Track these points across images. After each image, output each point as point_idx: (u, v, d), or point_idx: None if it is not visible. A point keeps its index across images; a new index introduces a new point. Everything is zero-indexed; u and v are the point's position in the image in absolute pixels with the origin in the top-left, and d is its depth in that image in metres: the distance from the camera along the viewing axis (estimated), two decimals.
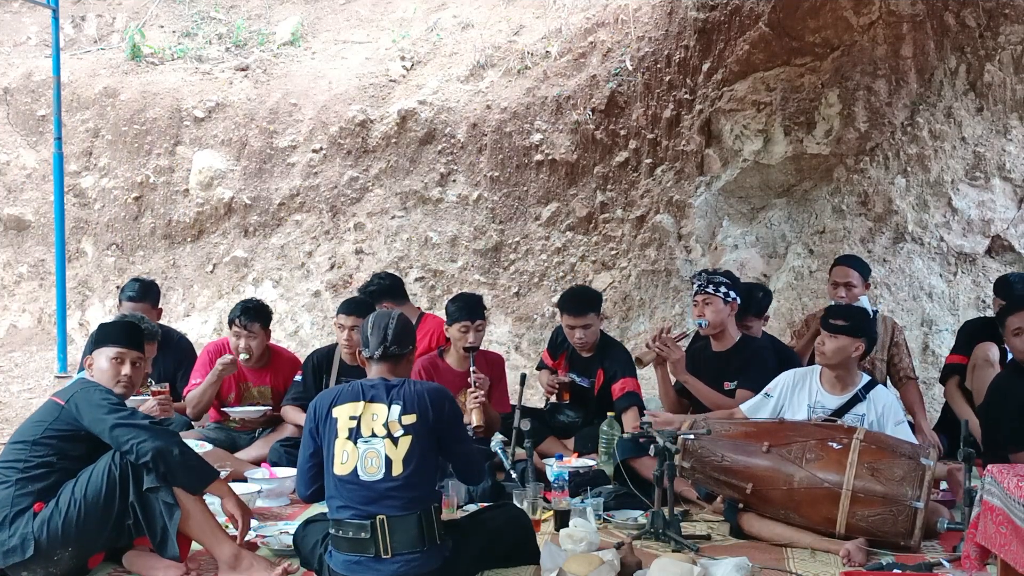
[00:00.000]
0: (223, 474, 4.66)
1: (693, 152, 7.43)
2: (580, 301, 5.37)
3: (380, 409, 3.41)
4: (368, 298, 5.73)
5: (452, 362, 5.23)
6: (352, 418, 3.41)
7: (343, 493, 3.38)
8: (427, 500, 3.40)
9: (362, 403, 3.43)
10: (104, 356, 3.72)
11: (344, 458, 3.38)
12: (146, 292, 5.63)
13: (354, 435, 3.38)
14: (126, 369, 3.71)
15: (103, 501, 3.42)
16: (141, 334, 3.88)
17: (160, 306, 5.81)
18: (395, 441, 3.37)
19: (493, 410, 5.03)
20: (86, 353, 3.89)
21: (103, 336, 3.78)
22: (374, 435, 3.37)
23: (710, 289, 4.98)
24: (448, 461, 3.68)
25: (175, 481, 3.48)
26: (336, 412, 3.44)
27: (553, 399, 5.71)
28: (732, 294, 5.00)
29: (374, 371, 3.56)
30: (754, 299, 5.51)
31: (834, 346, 4.33)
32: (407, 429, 3.38)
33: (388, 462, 3.35)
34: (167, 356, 5.50)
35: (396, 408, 3.40)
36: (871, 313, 4.88)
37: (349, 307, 5.29)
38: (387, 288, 5.79)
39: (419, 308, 6.33)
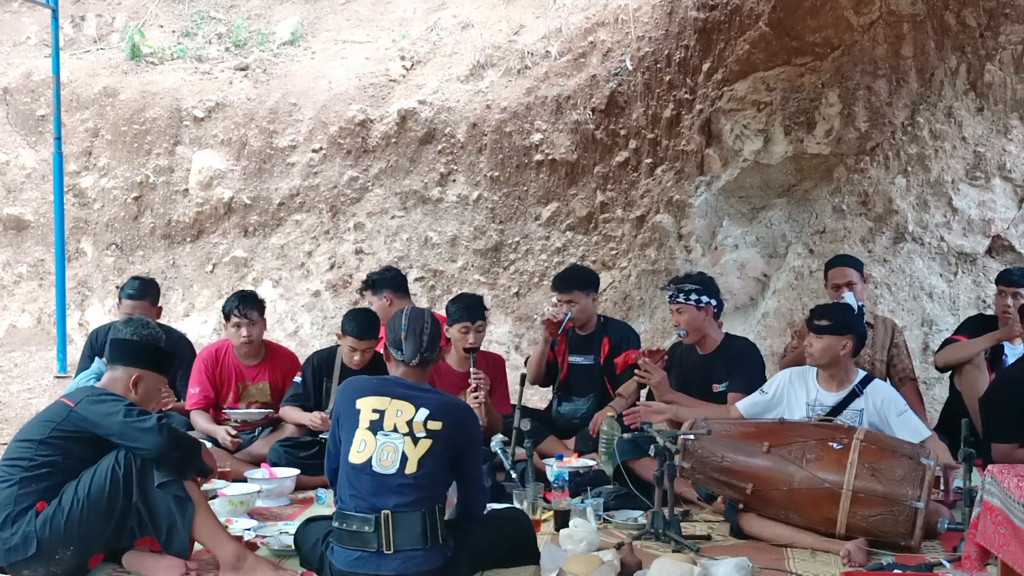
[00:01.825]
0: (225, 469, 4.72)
1: (693, 152, 7.43)
2: (565, 278, 5.57)
3: (407, 407, 3.42)
4: (369, 286, 5.74)
5: (452, 363, 5.23)
6: (376, 411, 3.42)
7: (353, 482, 3.39)
8: (433, 500, 3.41)
9: (388, 398, 3.44)
10: (153, 383, 3.75)
11: (361, 447, 3.39)
12: (146, 290, 5.64)
13: (375, 427, 3.40)
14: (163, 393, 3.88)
15: (106, 500, 3.42)
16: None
17: (160, 304, 5.81)
18: (415, 441, 3.38)
19: (495, 410, 5.04)
20: (127, 363, 3.70)
21: (157, 362, 3.76)
22: (395, 430, 3.39)
23: (680, 299, 4.93)
24: (457, 482, 3.67)
25: (190, 471, 3.51)
26: (360, 403, 3.46)
27: (555, 389, 5.70)
28: (704, 298, 4.92)
29: (402, 372, 3.56)
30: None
31: (821, 346, 4.37)
32: (430, 433, 3.39)
33: (404, 459, 3.36)
34: None
35: (424, 411, 3.41)
36: (856, 309, 4.88)
37: (360, 330, 5.13)
38: (390, 280, 5.80)
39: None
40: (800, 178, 7.23)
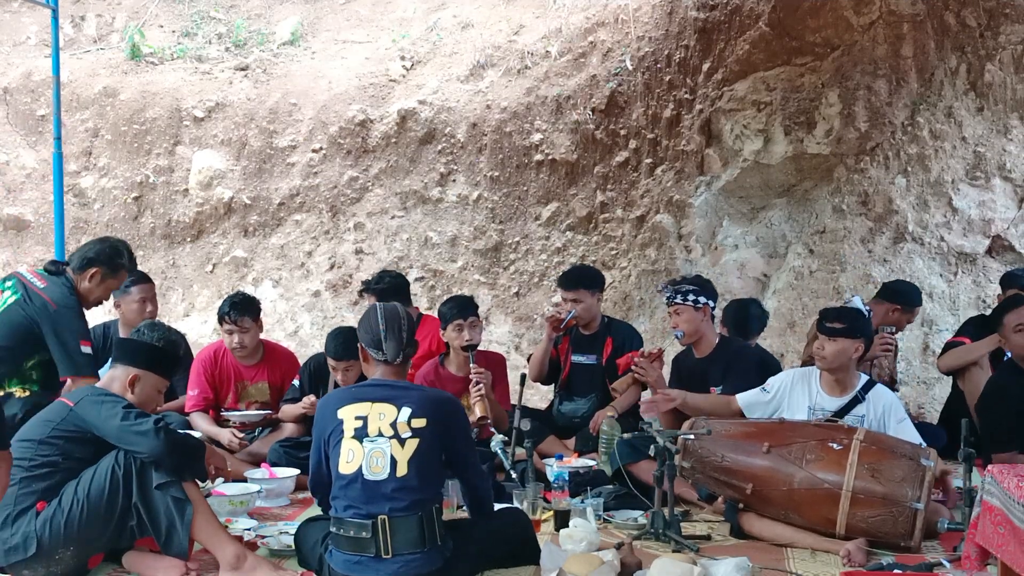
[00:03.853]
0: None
1: (693, 152, 7.43)
2: (571, 276, 5.64)
3: (388, 409, 3.40)
4: (376, 294, 5.68)
5: (453, 368, 5.23)
6: (358, 418, 3.41)
7: (347, 492, 3.38)
8: (430, 502, 3.40)
9: (369, 403, 3.43)
10: (153, 384, 3.75)
11: (350, 457, 3.38)
12: (144, 275, 5.71)
13: (360, 434, 3.38)
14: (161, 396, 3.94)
15: (106, 501, 3.42)
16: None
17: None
18: (402, 442, 3.37)
19: (499, 407, 5.04)
20: (127, 363, 3.72)
21: (157, 363, 3.76)
22: (380, 435, 3.37)
23: (678, 299, 4.90)
24: (456, 476, 3.67)
25: (188, 474, 3.51)
26: (342, 413, 3.44)
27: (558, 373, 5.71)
28: (702, 299, 4.90)
29: (380, 372, 3.54)
30: (753, 318, 5.52)
31: (834, 349, 4.32)
32: (416, 432, 3.38)
33: (393, 463, 3.35)
34: None
35: (406, 410, 3.39)
36: (866, 313, 4.89)
37: (337, 350, 4.93)
38: (399, 287, 5.77)
39: (417, 308, 6.32)
40: (800, 178, 7.24)
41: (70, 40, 9.89)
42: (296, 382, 5.39)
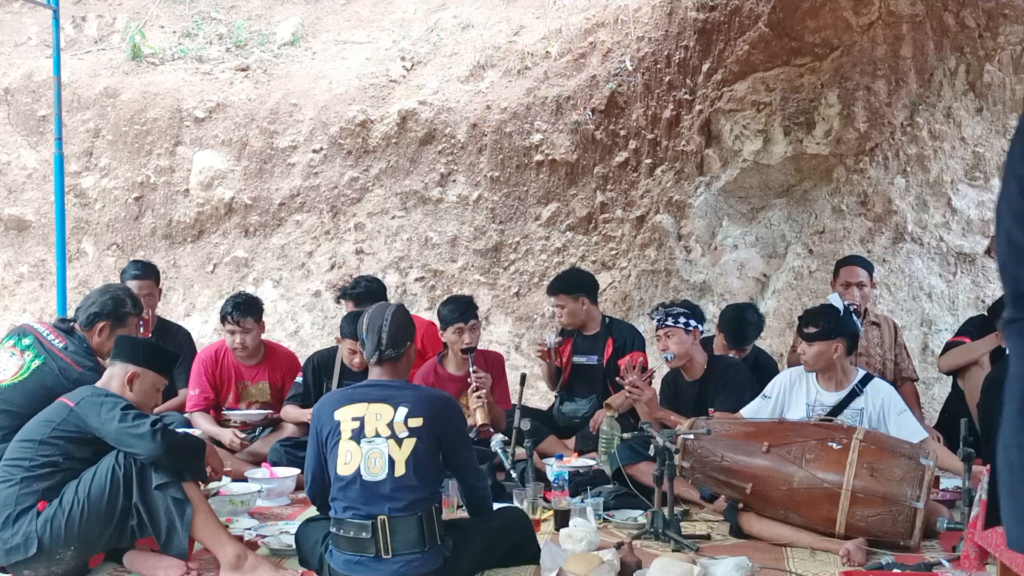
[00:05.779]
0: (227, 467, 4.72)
1: (693, 152, 7.44)
2: (554, 282, 5.78)
3: (385, 410, 3.42)
4: (352, 300, 5.71)
5: (451, 367, 5.24)
6: (355, 419, 3.42)
7: (346, 493, 3.39)
8: (429, 501, 3.41)
9: (365, 404, 3.44)
10: (151, 382, 3.76)
11: (348, 458, 3.39)
12: (149, 270, 5.74)
13: (357, 435, 3.39)
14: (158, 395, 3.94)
15: (106, 501, 3.43)
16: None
17: (160, 287, 5.91)
18: (399, 442, 3.38)
19: (498, 408, 5.06)
20: (125, 360, 3.73)
21: (156, 361, 3.78)
22: (378, 435, 3.38)
23: (669, 322, 4.96)
24: (454, 475, 3.68)
25: (188, 474, 3.53)
26: (339, 415, 3.45)
27: (554, 397, 5.73)
28: (692, 323, 4.97)
29: (375, 372, 3.56)
30: (749, 323, 5.52)
31: (813, 352, 4.41)
32: (412, 432, 3.39)
33: (391, 463, 3.36)
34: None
35: (403, 410, 3.41)
36: (842, 309, 4.90)
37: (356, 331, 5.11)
38: (374, 292, 5.76)
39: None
40: (799, 178, 7.24)
41: (71, 41, 9.90)
42: (299, 378, 5.40)
